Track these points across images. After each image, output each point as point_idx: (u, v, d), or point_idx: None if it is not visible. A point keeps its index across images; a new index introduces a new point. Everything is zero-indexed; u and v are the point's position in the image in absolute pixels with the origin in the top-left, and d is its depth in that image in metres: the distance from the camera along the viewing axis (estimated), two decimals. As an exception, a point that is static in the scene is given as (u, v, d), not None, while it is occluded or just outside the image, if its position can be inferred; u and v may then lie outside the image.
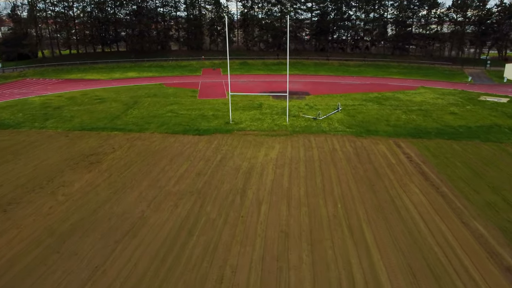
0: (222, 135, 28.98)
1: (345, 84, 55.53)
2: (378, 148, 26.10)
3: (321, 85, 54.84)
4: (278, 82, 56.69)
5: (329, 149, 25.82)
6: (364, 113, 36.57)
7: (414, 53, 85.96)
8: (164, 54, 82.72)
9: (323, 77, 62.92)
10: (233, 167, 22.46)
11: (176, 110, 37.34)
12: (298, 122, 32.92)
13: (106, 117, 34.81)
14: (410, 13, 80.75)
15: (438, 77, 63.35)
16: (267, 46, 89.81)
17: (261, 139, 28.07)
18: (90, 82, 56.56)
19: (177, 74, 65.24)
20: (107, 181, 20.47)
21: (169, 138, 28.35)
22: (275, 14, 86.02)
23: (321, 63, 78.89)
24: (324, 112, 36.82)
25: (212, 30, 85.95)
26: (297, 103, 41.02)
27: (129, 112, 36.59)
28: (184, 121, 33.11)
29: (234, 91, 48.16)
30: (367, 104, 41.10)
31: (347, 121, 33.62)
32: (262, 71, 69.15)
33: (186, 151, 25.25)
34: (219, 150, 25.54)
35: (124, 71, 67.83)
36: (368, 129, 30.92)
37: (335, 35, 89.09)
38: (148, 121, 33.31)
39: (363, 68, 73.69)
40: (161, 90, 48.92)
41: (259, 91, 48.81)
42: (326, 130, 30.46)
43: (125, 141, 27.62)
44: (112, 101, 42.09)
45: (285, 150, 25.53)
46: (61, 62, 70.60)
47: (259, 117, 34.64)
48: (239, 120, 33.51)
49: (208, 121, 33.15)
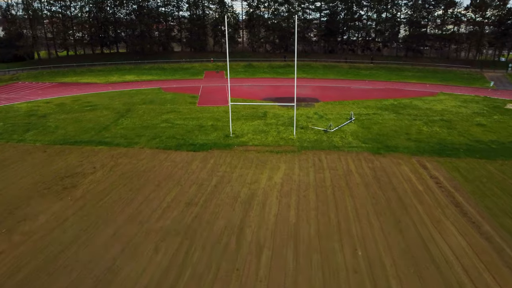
0: (220, 152, 25.67)
1: (357, 89, 51.97)
2: (401, 170, 22.58)
3: (331, 90, 51.35)
4: (285, 86, 53.29)
5: (343, 170, 22.37)
6: (380, 124, 33.03)
7: (429, 55, 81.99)
8: (166, 55, 79.76)
9: (333, 81, 59.40)
10: (230, 194, 19.13)
11: (172, 120, 34.13)
12: (306, 135, 29.50)
13: (93, 127, 31.71)
14: (425, 13, 76.85)
15: (457, 82, 59.46)
16: (274, 48, 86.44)
17: (264, 156, 24.71)
18: (85, 86, 53.68)
19: (178, 78, 62.17)
20: (78, 213, 17.25)
21: (159, 155, 25.11)
22: (282, 14, 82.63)
23: (330, 66, 75.29)
24: (336, 123, 33.36)
25: (216, 31, 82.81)
26: (306, 112, 37.60)
27: (120, 122, 33.45)
28: (179, 134, 29.87)
29: (237, 96, 45.00)
30: (382, 113, 37.54)
31: (362, 134, 30.12)
32: (268, 74, 65.82)
33: (177, 173, 21.97)
34: (215, 171, 22.23)
35: (123, 74, 64.92)
36: (386, 145, 27.40)
37: (345, 36, 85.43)
38: (139, 133, 30.12)
39: (374, 71, 69.99)
40: (158, 96, 45.79)
41: (264, 96, 45.48)
42: (338, 146, 27.00)
43: (109, 158, 24.42)
44: (104, 108, 39.02)
45: (292, 171, 22.14)
46: (57, 64, 67.92)
47: (263, 129, 31.28)
48: (241, 133, 30.19)
49: (206, 134, 29.88)
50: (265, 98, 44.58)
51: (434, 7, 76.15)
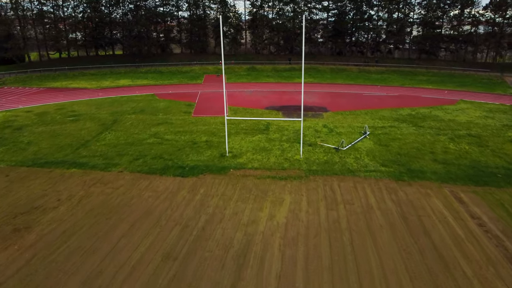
0: (213, 178, 21.78)
1: (369, 97, 47.90)
2: (432, 205, 18.56)
3: (341, 97, 47.32)
4: (290, 92, 49.36)
5: (361, 206, 18.38)
6: (400, 141, 28.98)
7: (444, 58, 77.65)
8: (164, 57, 76.19)
9: (342, 87, 55.36)
10: (220, 242, 15.23)
11: (162, 134, 30.32)
12: (315, 155, 25.54)
13: (71, 144, 27.96)
14: (440, 13, 72.58)
15: (477, 88, 55.17)
16: (278, 50, 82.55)
17: (265, 184, 20.80)
18: (74, 92, 50.10)
19: (175, 82, 58.43)
20: (23, 271, 13.46)
21: (140, 181, 21.27)
22: (287, 14, 78.75)
23: (338, 69, 71.27)
24: (348, 138, 29.37)
25: (217, 32, 79.05)
26: (313, 124, 33.64)
27: (103, 137, 29.69)
28: (168, 152, 26.04)
29: (237, 104, 41.20)
30: (400, 125, 33.47)
31: (380, 153, 26.10)
32: (272, 79, 61.92)
33: (158, 208, 18.11)
34: (205, 205, 18.34)
35: (117, 78, 61.33)
36: (409, 168, 23.38)
37: (353, 37, 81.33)
38: (121, 151, 26.33)
39: (386, 75, 65.82)
40: (151, 104, 42.04)
41: (267, 105, 41.57)
42: (353, 169, 23.02)
43: (80, 186, 20.62)
44: (88, 119, 35.32)
45: (298, 207, 18.20)
46: (48, 67, 64.49)
47: (264, 146, 27.37)
48: (239, 151, 26.30)
49: (199, 152, 26.02)
50: (268, 107, 40.67)
51: (449, 7, 71.83)
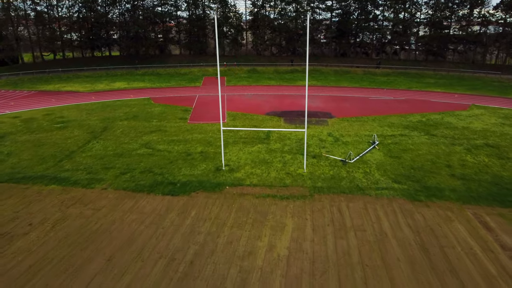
0: (207, 196, 19.59)
1: (375, 101, 45.62)
2: (455, 232, 16.31)
3: (346, 101, 45.06)
4: (293, 96, 47.17)
5: (374, 233, 16.15)
6: (412, 152, 26.73)
7: (452, 59, 75.23)
8: (163, 59, 74.11)
9: (347, 90, 53.10)
10: (210, 282, 13.03)
11: (154, 144, 28.16)
12: (320, 169, 23.32)
13: (54, 155, 25.84)
14: (448, 12, 70.20)
15: (488, 91, 52.79)
16: (280, 51, 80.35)
17: (265, 205, 18.60)
18: (66, 95, 48.03)
19: (172, 85, 56.32)
20: (-27, 321, 11.30)
21: (125, 201, 19.10)
22: (290, 14, 76.51)
23: (342, 71, 68.98)
24: (356, 149, 27.13)
25: (217, 32, 76.83)
26: (317, 132, 31.41)
27: (89, 147, 27.55)
28: (159, 165, 23.88)
29: (236, 109, 39.00)
30: (411, 134, 31.21)
31: (391, 166, 23.86)
32: (273, 81, 59.72)
33: (142, 235, 15.94)
34: (195, 233, 16.15)
35: (112, 80, 59.25)
36: (425, 185, 21.13)
37: (358, 38, 79.04)
38: (108, 163, 24.19)
39: (393, 78, 63.51)
40: (145, 109, 39.90)
41: (268, 110, 39.37)
42: (363, 187, 20.78)
43: (57, 206, 18.47)
44: (77, 126, 33.21)
45: (302, 234, 15.98)
46: (42, 69, 62.40)
47: (264, 158, 25.16)
48: (236, 164, 24.11)
49: (192, 166, 23.84)
50: (269, 113, 38.46)
51: (458, 6, 69.43)
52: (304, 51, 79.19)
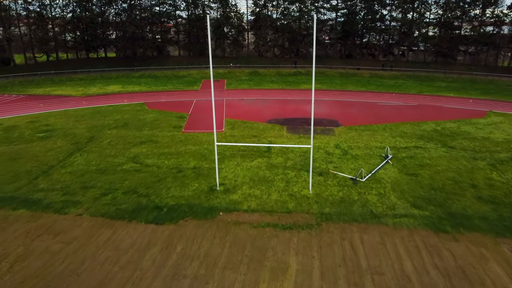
0: (197, 226, 16.95)
1: (385, 107, 42.86)
2: (493, 276, 13.58)
3: (353, 107, 42.33)
4: (296, 101, 44.50)
5: (396, 277, 13.45)
6: (430, 168, 23.99)
7: (463, 61, 72.29)
8: (161, 60, 71.57)
9: (353, 94, 50.36)
10: None
11: (142, 157, 25.56)
12: (328, 189, 20.64)
13: (30, 171, 23.28)
14: (459, 12, 67.31)
15: (503, 96, 49.90)
16: (283, 52, 77.70)
17: (264, 238, 15.94)
18: (55, 100, 45.54)
19: (169, 88, 53.75)
20: None
21: (102, 231, 16.48)
22: (293, 14, 73.84)
23: (347, 74, 66.24)
24: (367, 164, 24.42)
25: (218, 33, 74.37)
26: (324, 143, 28.71)
27: (71, 161, 24.97)
28: (145, 184, 21.27)
29: (235, 116, 36.29)
30: (427, 146, 28.45)
31: (409, 186, 21.14)
32: (276, 84, 57.04)
33: (115, 279, 13.30)
34: (179, 277, 13.50)
35: (107, 83, 56.75)
36: (450, 211, 18.41)
37: (364, 38, 76.25)
38: (88, 182, 21.59)
39: (401, 81, 60.69)
40: (137, 116, 37.33)
41: (270, 117, 36.71)
42: (378, 213, 18.09)
43: (21, 238, 15.88)
44: (61, 135, 30.66)
45: (308, 280, 13.30)
46: (34, 71, 59.98)
47: (265, 175, 22.50)
48: (233, 182, 21.47)
49: (183, 185, 21.21)
50: (271, 120, 35.81)
51: (470, 6, 66.55)
52: (308, 52, 76.51)
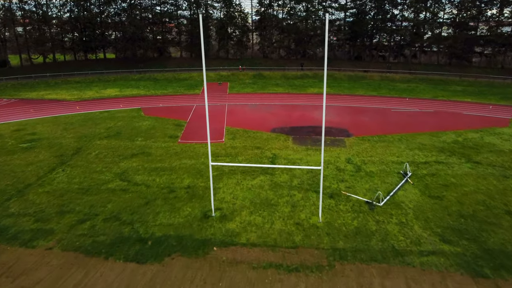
0: (185, 266, 14.33)
1: (398, 114, 40.00)
2: None
3: (364, 114, 39.54)
4: (303, 107, 41.81)
5: None
6: (456, 188, 21.17)
7: (478, 63, 69.04)
8: (162, 62, 69.18)
9: (364, 99, 47.52)
10: None
11: (131, 173, 23.03)
12: (340, 217, 17.93)
13: (4, 190, 20.82)
14: (475, 12, 64.11)
15: (526, 101, 46.86)
16: (289, 53, 74.98)
17: (264, 284, 13.28)
18: (48, 105, 43.28)
19: (169, 92, 51.30)
20: None
21: (71, 273, 13.92)
22: (300, 14, 71.14)
23: (356, 76, 63.36)
24: (383, 183, 21.66)
25: (221, 34, 71.85)
26: (334, 157, 25.99)
27: (51, 178, 22.50)
28: (130, 208, 18.71)
29: (235, 124, 33.57)
30: (449, 161, 25.61)
31: (434, 213, 18.36)
32: (281, 88, 54.36)
33: None
34: None
35: (104, 86, 54.43)
36: (486, 247, 15.61)
37: (374, 39, 73.29)
38: (67, 204, 19.08)
39: (414, 85, 57.69)
40: (132, 123, 34.87)
41: (274, 125, 34.05)
42: (401, 250, 15.34)
43: (-26, 282, 13.39)
44: (46, 146, 28.25)
45: None
46: (30, 73, 57.84)
47: (267, 197, 19.85)
48: (231, 206, 18.84)
49: (173, 209, 18.62)
50: (275, 129, 33.14)
51: (486, 5, 63.34)
52: (315, 53, 73.77)
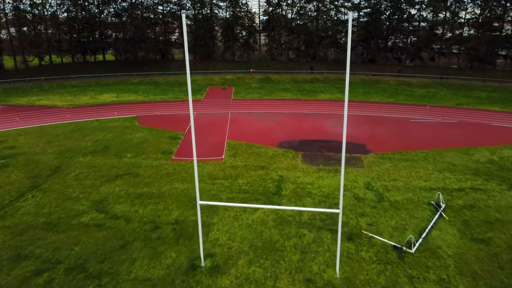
0: None
1: (419, 124, 36.12)
2: None
3: (381, 125, 35.78)
4: (314, 116, 38.19)
5: None
6: (503, 227, 17.39)
7: (503, 67, 64.57)
8: (164, 65, 66.01)
9: (380, 107, 43.69)
10: None
11: (111, 202, 19.66)
12: (363, 270, 14.29)
13: (-43, 224, 17.62)
14: (500, 11, 59.80)
15: (561, 110, 42.59)
16: (298, 56, 71.33)
17: None
18: (36, 112, 40.32)
19: (169, 97, 48.05)
20: None
21: None
22: (310, 14, 67.50)
23: (371, 81, 59.48)
24: (411, 216, 17.96)
25: (227, 35, 68.48)
26: (350, 181, 22.35)
27: (17, 206, 19.23)
28: (102, 252, 15.31)
29: (239, 136, 29.65)
30: (487, 187, 21.78)
31: (482, 266, 14.63)
32: (289, 93, 50.77)
33: None
34: None
35: (101, 91, 51.40)
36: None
37: (389, 41, 69.27)
38: (25, 246, 15.75)
39: (433, 91, 53.60)
40: (123, 135, 31.60)
41: (282, 138, 30.47)
42: (446, 326, 11.68)
43: None
44: (22, 164, 25.07)
45: None
46: (23, 77, 55.05)
47: (271, 238, 16.30)
48: (226, 252, 15.33)
49: (154, 255, 15.17)
50: (283, 143, 29.56)
51: (512, 4, 59.07)
52: (326, 56, 70.01)
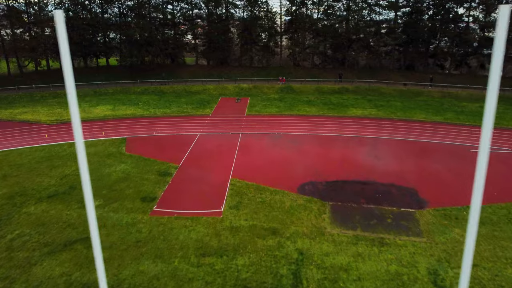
0: None
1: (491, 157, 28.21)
2: None
3: (432, 156, 28.14)
4: (344, 141, 30.89)
5: None
6: None
7: None
8: (174, 71, 60.01)
9: (426, 128, 35.94)
10: None
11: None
12: None
13: None
14: None
15: None
16: (325, 61, 63.92)
17: None
18: (11, 131, 34.78)
19: (172, 112, 41.72)
20: None
21: None
22: (339, 13, 60.13)
23: (410, 92, 51.51)
24: None
25: (244, 37, 61.91)
26: (406, 263, 15.04)
27: None
28: None
29: (247, 173, 20.97)
30: None
31: None
32: (314, 108, 43.58)
33: None
34: None
35: (97, 102, 45.72)
36: None
37: (431, 45, 60.95)
38: None
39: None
40: (101, 168, 25.29)
41: (303, 176, 23.36)
42: None
43: None
44: (-49, 215, 19.01)
45: None
46: (13, 85, 50.02)
47: None
48: None
49: None
50: (304, 186, 22.41)
51: None
52: (356, 61, 62.28)
